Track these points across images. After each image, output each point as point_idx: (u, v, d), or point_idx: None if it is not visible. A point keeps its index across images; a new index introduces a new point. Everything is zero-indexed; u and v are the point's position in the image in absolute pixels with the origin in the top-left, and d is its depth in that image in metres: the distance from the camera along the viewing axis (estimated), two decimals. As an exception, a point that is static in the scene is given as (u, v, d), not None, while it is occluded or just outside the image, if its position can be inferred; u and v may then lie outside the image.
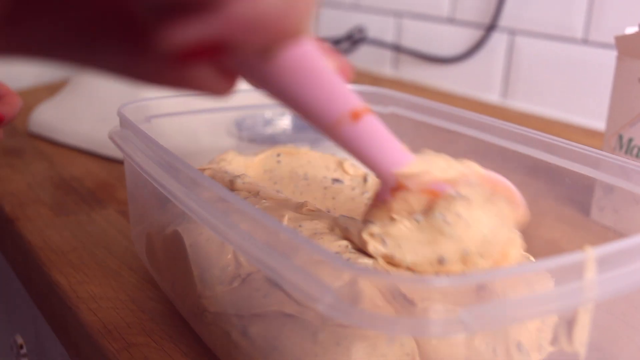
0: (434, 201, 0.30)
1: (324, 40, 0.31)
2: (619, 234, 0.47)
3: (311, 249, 0.24)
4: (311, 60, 0.25)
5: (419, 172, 0.30)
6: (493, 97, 0.89)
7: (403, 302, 0.26)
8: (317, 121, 0.27)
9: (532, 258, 0.34)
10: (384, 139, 0.29)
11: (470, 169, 0.31)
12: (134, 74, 0.20)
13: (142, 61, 0.19)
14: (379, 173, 0.30)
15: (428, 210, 0.30)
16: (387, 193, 0.30)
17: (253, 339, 0.28)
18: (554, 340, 0.27)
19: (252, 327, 0.29)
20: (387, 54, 1.03)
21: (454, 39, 0.92)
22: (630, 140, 0.48)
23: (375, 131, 0.29)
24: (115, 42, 0.19)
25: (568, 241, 0.41)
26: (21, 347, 0.58)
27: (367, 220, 0.31)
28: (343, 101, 0.27)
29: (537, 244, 0.38)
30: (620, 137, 0.48)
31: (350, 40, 1.06)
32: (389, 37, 1.02)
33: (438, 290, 0.22)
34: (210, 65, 0.20)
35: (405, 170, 0.30)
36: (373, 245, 0.30)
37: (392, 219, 0.30)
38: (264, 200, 0.35)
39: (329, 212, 0.38)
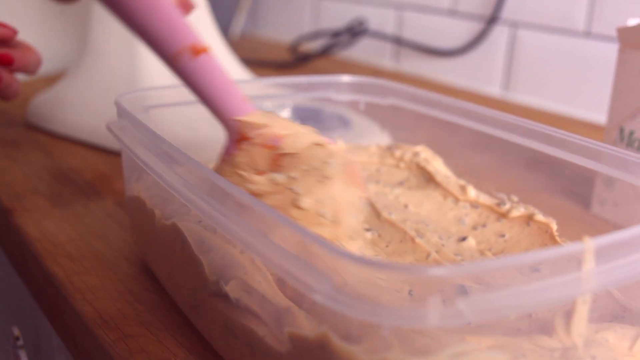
0: (278, 160, 0.30)
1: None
2: (619, 228, 0.46)
3: (310, 239, 0.23)
4: None
5: (259, 123, 0.30)
6: (494, 90, 0.88)
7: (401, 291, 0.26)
8: (159, 50, 0.29)
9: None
10: (225, 82, 0.30)
11: (310, 131, 0.32)
12: None
13: None
14: (221, 119, 0.31)
15: (274, 169, 0.30)
16: (233, 146, 0.31)
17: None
18: (552, 332, 0.27)
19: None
20: (388, 47, 1.03)
21: (455, 32, 0.92)
22: (631, 132, 0.47)
23: (216, 71, 0.30)
24: None
25: (568, 235, 0.41)
26: (18, 338, 0.57)
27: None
28: (183, 34, 0.29)
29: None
30: (622, 130, 0.48)
31: (351, 33, 1.05)
32: (390, 29, 1.02)
33: (434, 279, 0.21)
34: None
35: (246, 118, 0.30)
36: None
37: (239, 176, 0.30)
38: None
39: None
